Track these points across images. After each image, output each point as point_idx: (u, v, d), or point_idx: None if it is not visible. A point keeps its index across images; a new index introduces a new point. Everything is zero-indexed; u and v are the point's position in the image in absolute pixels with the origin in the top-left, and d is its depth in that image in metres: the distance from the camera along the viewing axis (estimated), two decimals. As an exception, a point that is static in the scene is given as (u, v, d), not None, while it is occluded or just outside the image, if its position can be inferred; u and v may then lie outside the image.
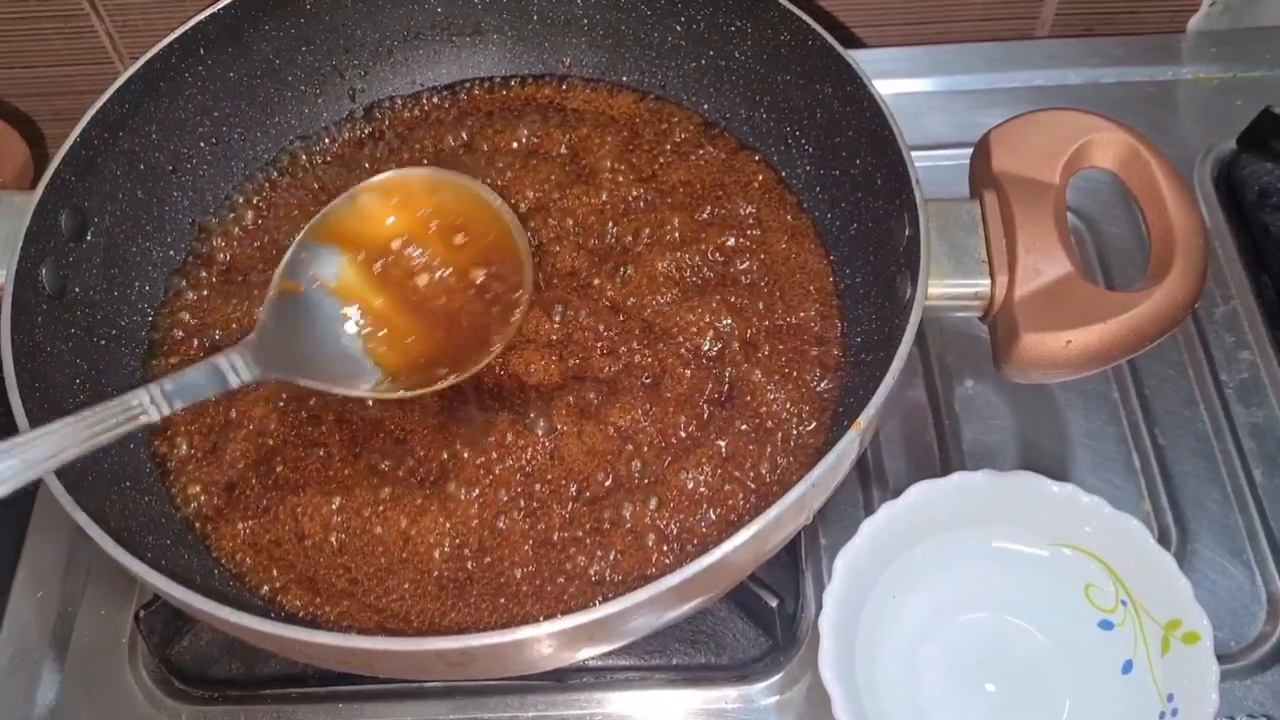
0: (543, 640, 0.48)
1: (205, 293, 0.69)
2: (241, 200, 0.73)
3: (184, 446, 0.64)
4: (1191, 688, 0.56)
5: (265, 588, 0.59)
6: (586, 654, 0.55)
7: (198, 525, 0.61)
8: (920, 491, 0.61)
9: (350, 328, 0.59)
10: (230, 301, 0.68)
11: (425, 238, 0.63)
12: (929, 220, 0.58)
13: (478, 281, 0.62)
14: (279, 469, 0.61)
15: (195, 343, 0.67)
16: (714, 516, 0.60)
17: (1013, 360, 0.56)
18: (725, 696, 0.63)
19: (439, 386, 0.59)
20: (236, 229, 0.72)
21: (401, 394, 0.58)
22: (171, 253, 0.70)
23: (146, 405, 0.51)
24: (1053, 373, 0.56)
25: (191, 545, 0.61)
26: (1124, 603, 0.60)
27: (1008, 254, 0.58)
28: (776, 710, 0.63)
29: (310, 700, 0.64)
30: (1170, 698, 0.57)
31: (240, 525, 0.61)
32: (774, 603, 0.61)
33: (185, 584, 0.50)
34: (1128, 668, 0.59)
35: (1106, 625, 0.61)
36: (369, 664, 0.51)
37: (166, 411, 0.52)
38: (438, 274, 0.62)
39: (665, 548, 0.59)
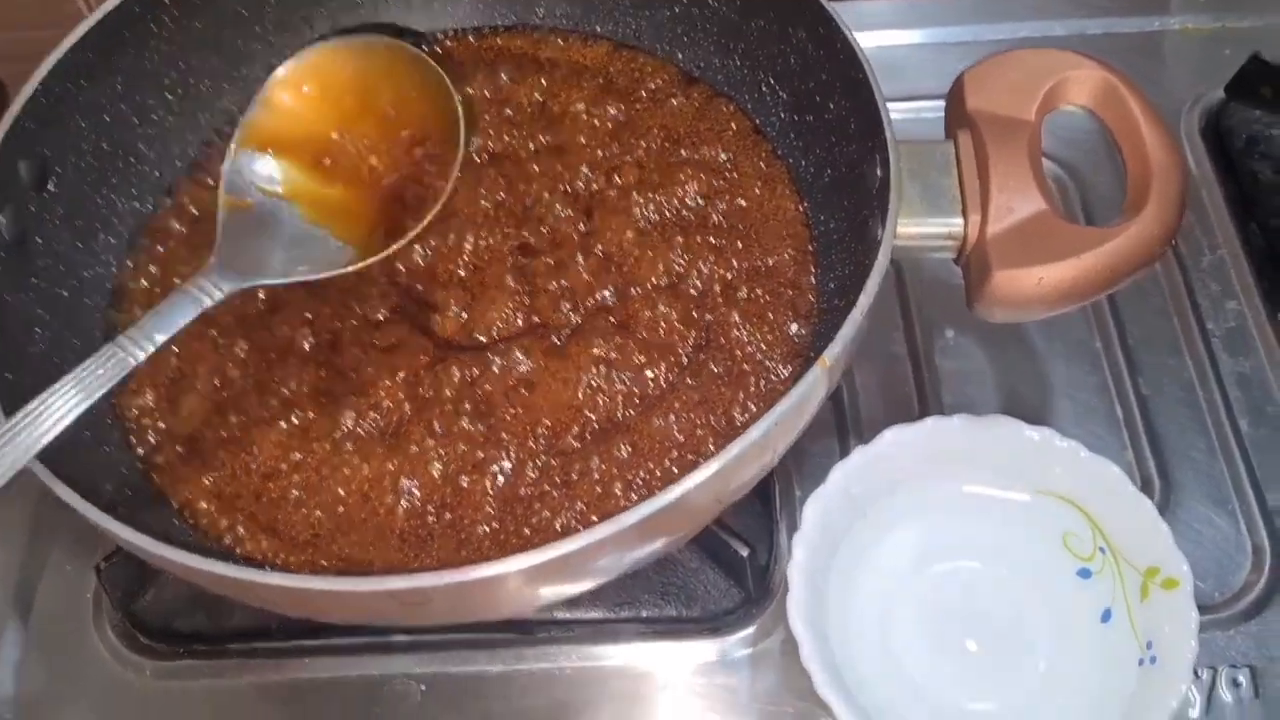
0: (497, 580, 0.47)
1: (172, 244, 0.68)
2: (210, 152, 0.71)
3: (147, 397, 0.62)
4: (1171, 634, 0.55)
5: (227, 538, 0.58)
6: (547, 597, 0.53)
7: (156, 477, 0.60)
8: (894, 436, 0.60)
9: (311, 223, 0.60)
10: (197, 253, 0.67)
11: (356, 117, 0.63)
12: (901, 161, 0.57)
13: (418, 154, 0.63)
14: (236, 420, 0.60)
15: (158, 291, 0.66)
16: (685, 463, 0.58)
17: (984, 298, 0.55)
18: (697, 649, 0.63)
19: (406, 241, 0.59)
20: (206, 180, 0.70)
21: (374, 259, 0.58)
22: (137, 205, 0.69)
23: (130, 349, 0.51)
24: (1025, 310, 0.55)
25: (152, 496, 0.60)
26: (1102, 550, 0.59)
27: (980, 193, 0.56)
28: (750, 663, 0.62)
29: (276, 655, 0.64)
30: (1149, 645, 0.55)
31: (201, 477, 0.59)
32: (745, 552, 0.60)
33: (136, 527, 0.49)
34: (1106, 616, 0.58)
35: (1085, 574, 0.59)
36: (323, 607, 0.50)
37: (151, 350, 0.52)
38: (383, 151, 0.63)
39: (634, 496, 0.57)
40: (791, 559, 0.56)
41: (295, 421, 0.60)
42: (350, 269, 0.58)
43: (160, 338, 0.52)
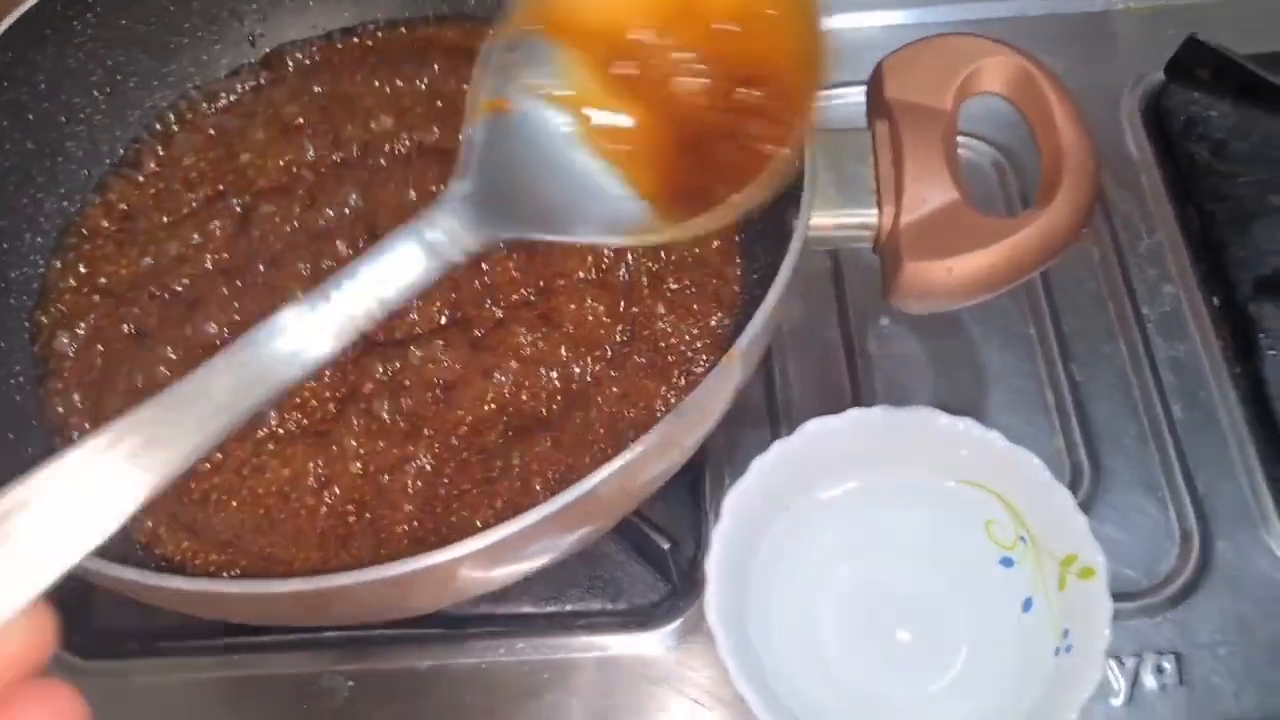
0: (398, 581, 0.47)
1: (100, 242, 0.68)
2: (140, 149, 0.71)
3: (73, 397, 0.62)
4: (1086, 624, 0.55)
5: (145, 538, 0.58)
6: (453, 598, 0.53)
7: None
8: (815, 428, 0.59)
9: (592, 154, 0.42)
10: (125, 251, 0.67)
11: (674, 15, 0.43)
12: (817, 151, 0.56)
13: (745, 98, 0.43)
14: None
15: (86, 290, 0.65)
16: (606, 457, 0.58)
17: (897, 289, 0.55)
18: (625, 642, 0.62)
19: (720, 218, 0.41)
20: (136, 178, 0.70)
21: (672, 235, 0.42)
22: (65, 204, 0.68)
23: (359, 319, 0.38)
24: (938, 301, 0.55)
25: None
26: (1023, 539, 0.59)
27: (895, 183, 0.56)
28: (677, 657, 0.62)
29: (206, 653, 0.64)
30: (1065, 634, 0.55)
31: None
32: (666, 545, 0.60)
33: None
34: (1028, 605, 0.58)
35: (1007, 562, 0.59)
36: (227, 609, 0.50)
37: (379, 318, 0.39)
38: (704, 75, 0.43)
39: (553, 493, 0.57)
40: (709, 554, 0.56)
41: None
42: (653, 239, 0.43)
43: (387, 304, 0.39)
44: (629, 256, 0.63)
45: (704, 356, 0.61)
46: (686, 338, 0.61)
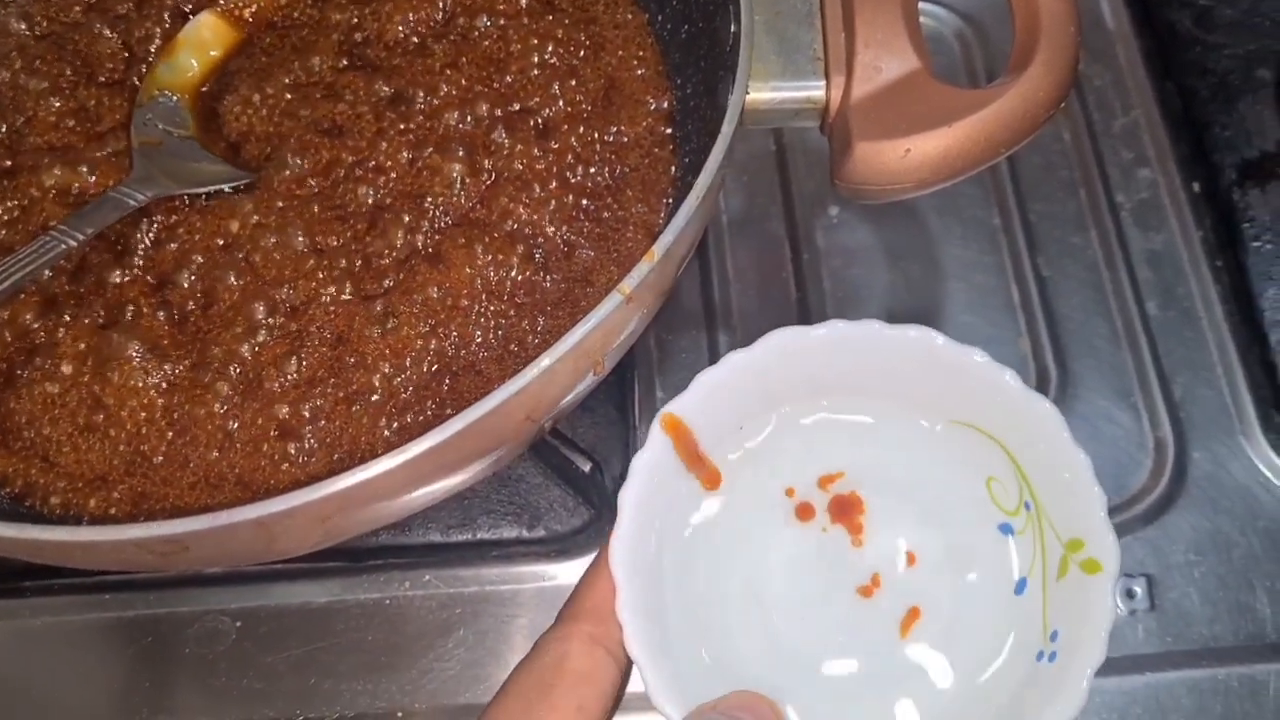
0: (248, 526, 0.40)
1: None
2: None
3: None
4: (1079, 628, 0.43)
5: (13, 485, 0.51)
6: (322, 542, 0.46)
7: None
8: (779, 342, 0.46)
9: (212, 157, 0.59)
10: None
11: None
12: (754, 12, 0.49)
13: None
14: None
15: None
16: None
17: (846, 175, 0.48)
18: (543, 572, 0.56)
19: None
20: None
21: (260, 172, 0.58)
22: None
23: (62, 238, 0.53)
24: (892, 189, 0.47)
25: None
26: (1028, 506, 0.49)
27: (845, 50, 0.48)
28: (603, 586, 0.56)
29: (75, 591, 0.57)
30: (1054, 636, 0.44)
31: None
32: (587, 467, 0.54)
33: None
34: (1021, 587, 0.48)
35: (1006, 530, 0.49)
36: (65, 557, 0.43)
37: (82, 239, 0.54)
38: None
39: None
40: (625, 485, 0.45)
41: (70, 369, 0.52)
42: (243, 181, 0.58)
43: (90, 231, 0.54)
44: (556, 139, 0.55)
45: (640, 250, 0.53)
46: (624, 232, 0.54)
